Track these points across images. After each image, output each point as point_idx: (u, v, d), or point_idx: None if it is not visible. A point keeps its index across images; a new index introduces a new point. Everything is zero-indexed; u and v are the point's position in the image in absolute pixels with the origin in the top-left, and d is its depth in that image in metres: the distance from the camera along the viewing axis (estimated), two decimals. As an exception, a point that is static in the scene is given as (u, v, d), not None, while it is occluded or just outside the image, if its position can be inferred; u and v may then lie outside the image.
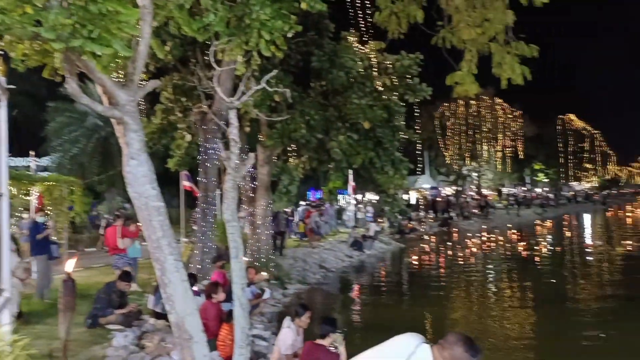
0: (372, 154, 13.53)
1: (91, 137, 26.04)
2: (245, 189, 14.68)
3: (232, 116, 6.06)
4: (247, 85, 6.62)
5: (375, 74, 14.18)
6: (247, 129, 13.51)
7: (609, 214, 49.37)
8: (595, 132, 72.54)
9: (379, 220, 27.49)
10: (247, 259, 11.64)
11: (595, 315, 10.82)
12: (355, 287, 15.60)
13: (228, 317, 6.49)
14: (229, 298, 7.02)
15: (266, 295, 10.22)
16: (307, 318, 6.41)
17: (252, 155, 6.89)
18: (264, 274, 11.37)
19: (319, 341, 5.52)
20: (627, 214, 47.53)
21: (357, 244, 21.34)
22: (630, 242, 22.75)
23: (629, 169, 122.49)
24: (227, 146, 6.20)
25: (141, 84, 5.32)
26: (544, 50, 8.84)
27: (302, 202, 28.66)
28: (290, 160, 17.21)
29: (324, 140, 13.99)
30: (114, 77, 5.46)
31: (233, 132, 5.91)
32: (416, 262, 20.05)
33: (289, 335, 6.38)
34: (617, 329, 9.85)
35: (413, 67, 14.05)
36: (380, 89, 13.94)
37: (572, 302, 12.17)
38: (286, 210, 23.67)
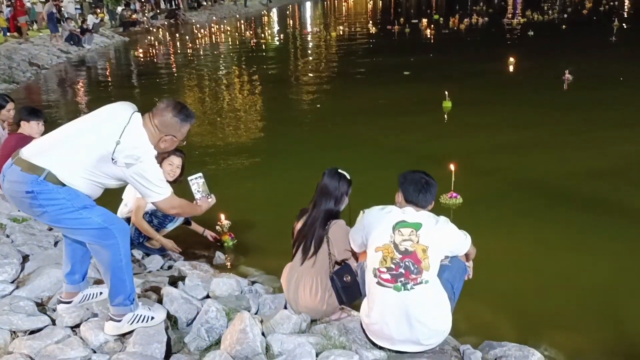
0: None
1: None
2: None
3: None
4: None
5: None
6: None
7: (327, 4, 52.70)
8: None
9: (97, 11, 24.79)
10: None
11: (312, 91, 11.91)
12: (75, 82, 14.31)
13: None
14: None
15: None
16: (10, 110, 5.62)
17: None
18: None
19: (18, 131, 4.96)
20: (342, 3, 51.32)
21: (73, 38, 19.16)
22: (342, 28, 24.89)
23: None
24: None
25: None
26: None
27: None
28: None
29: None
30: None
31: None
32: (143, 56, 19.04)
33: (-8, 132, 5.59)
34: (329, 96, 11.36)
35: None
36: None
37: (294, 82, 13.15)
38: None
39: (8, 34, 19.57)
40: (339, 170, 3.34)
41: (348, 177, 3.32)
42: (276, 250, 4.32)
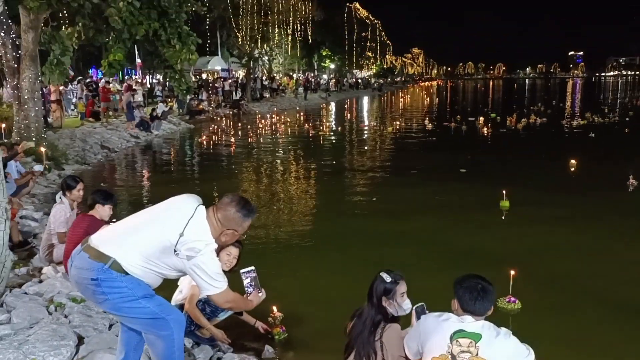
0: (157, 25, 12.54)
1: None
2: (7, 59, 12.70)
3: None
4: None
5: None
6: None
7: (383, 99, 54.31)
8: (376, 21, 77.29)
9: (167, 100, 26.43)
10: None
11: (367, 184, 12.05)
12: (142, 166, 15.05)
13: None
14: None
15: (37, 168, 9.18)
16: (80, 191, 5.93)
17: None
18: (30, 143, 9.89)
19: (90, 212, 5.19)
20: (399, 99, 52.80)
21: (143, 124, 20.37)
22: (398, 123, 25.42)
23: (403, 59, 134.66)
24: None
25: None
26: None
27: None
28: (63, 28, 15.29)
29: (101, 6, 12.55)
30: None
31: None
32: (207, 142, 19.93)
33: (61, 211, 5.87)
34: (384, 190, 11.39)
35: None
36: (164, -48, 12.70)
37: (349, 174, 13.35)
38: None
39: (84, 118, 21.08)
40: (381, 273, 3.31)
41: (388, 279, 3.26)
42: (327, 348, 4.22)
